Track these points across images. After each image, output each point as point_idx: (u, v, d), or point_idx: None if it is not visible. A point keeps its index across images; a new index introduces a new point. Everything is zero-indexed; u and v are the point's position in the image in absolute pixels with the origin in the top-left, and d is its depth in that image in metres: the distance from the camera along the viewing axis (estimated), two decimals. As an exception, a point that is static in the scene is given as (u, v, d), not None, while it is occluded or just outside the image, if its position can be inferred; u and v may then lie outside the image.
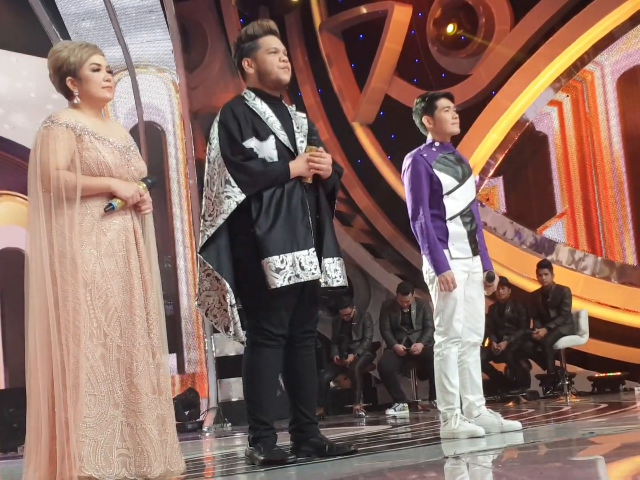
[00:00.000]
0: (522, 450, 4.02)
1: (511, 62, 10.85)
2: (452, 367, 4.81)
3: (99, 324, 3.43)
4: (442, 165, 4.91)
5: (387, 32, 11.59)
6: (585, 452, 3.79)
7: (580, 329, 9.11)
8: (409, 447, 4.77)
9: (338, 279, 4.16)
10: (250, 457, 4.09)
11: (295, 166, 4.11)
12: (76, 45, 3.66)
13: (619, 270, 10.22)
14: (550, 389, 9.17)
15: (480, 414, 4.91)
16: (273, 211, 4.04)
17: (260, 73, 4.21)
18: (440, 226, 4.84)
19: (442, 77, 11.38)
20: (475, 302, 4.96)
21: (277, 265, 3.98)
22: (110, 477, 3.32)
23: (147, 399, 3.44)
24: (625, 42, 10.33)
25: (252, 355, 4.12)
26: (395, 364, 9.27)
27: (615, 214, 10.41)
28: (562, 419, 6.13)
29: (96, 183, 3.53)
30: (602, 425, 5.03)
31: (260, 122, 4.14)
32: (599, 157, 10.55)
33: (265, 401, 4.10)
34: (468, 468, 3.49)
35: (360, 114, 11.99)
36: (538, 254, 10.45)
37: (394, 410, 8.88)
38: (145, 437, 3.40)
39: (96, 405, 3.36)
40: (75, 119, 3.55)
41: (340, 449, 4.15)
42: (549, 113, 10.94)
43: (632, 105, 10.40)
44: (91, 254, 3.46)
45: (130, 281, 3.52)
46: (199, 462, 5.16)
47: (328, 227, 4.18)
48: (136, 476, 3.38)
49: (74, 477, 3.26)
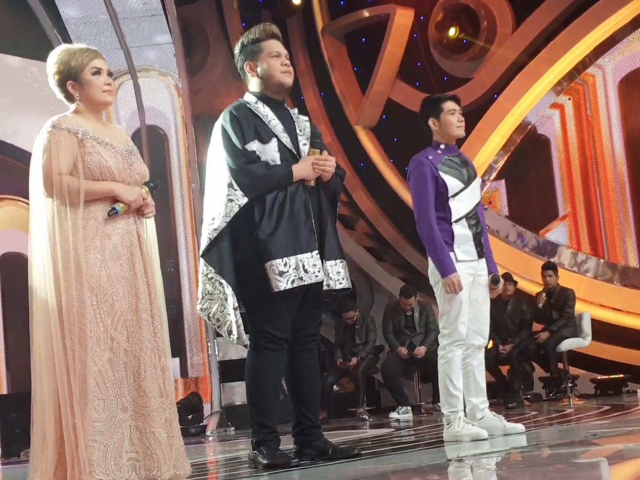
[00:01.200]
0: (525, 452, 4.02)
1: (513, 66, 10.86)
2: (456, 370, 4.81)
3: (105, 328, 3.43)
4: (448, 168, 4.90)
5: (389, 36, 11.61)
6: (588, 454, 3.79)
7: (582, 331, 9.11)
8: (412, 450, 4.76)
9: (341, 281, 4.14)
10: (254, 460, 4.08)
11: (298, 169, 4.10)
12: (77, 49, 3.66)
13: (621, 273, 10.22)
14: (553, 392, 9.17)
15: (483, 416, 4.91)
16: (276, 214, 4.04)
17: (263, 77, 4.21)
18: (446, 229, 4.82)
19: (444, 80, 11.40)
20: (480, 304, 4.96)
21: (281, 268, 3.97)
22: (121, 480, 3.32)
23: (155, 402, 3.45)
24: (626, 45, 10.35)
25: (255, 359, 4.11)
26: (398, 367, 9.26)
27: (617, 216, 10.41)
28: (565, 421, 6.12)
29: (99, 187, 3.53)
30: (604, 428, 5.02)
31: (262, 125, 4.14)
32: (601, 160, 10.55)
33: (268, 405, 4.10)
34: (471, 471, 3.49)
35: (362, 117, 12.00)
36: (540, 257, 10.45)
37: (397, 414, 8.87)
38: (154, 441, 3.41)
39: (105, 410, 3.36)
40: (77, 124, 3.55)
41: (344, 452, 4.15)
42: (550, 116, 10.95)
43: (633, 107, 10.41)
44: (96, 258, 3.47)
45: (135, 285, 3.52)
46: (202, 466, 5.15)
47: (330, 230, 4.17)
48: (146, 479, 3.38)
49: (85, 482, 3.26)
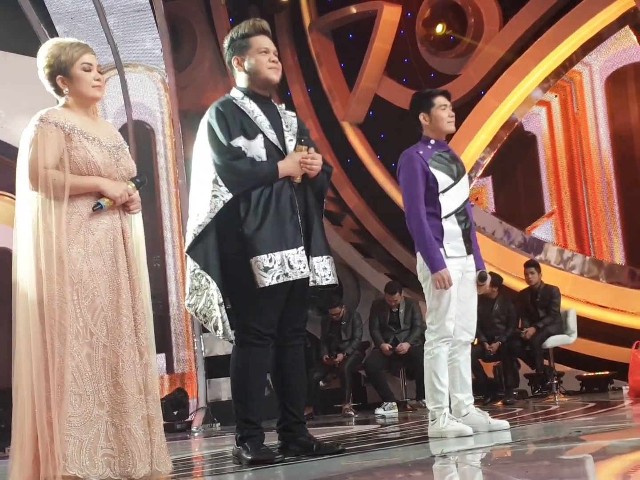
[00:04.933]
0: (510, 449, 4.03)
1: (500, 62, 10.87)
2: (442, 366, 4.81)
3: (85, 323, 3.41)
4: (438, 163, 4.89)
5: (377, 32, 11.61)
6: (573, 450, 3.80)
7: (568, 328, 9.13)
8: (397, 446, 4.77)
9: (327, 277, 4.14)
10: (238, 456, 4.08)
11: (284, 166, 4.09)
12: (67, 43, 3.64)
13: (607, 270, 10.25)
14: (538, 388, 9.18)
15: (468, 412, 4.92)
16: (261, 210, 4.03)
17: (250, 72, 4.20)
18: (436, 224, 4.82)
19: (431, 77, 11.40)
20: (468, 301, 4.96)
21: (266, 264, 3.97)
22: (95, 477, 3.30)
23: (132, 399, 3.43)
24: (613, 42, 10.36)
25: (240, 355, 4.11)
26: (382, 363, 9.26)
27: (603, 213, 10.43)
28: (550, 418, 6.13)
29: (85, 182, 3.52)
30: (589, 425, 5.04)
31: (248, 121, 4.13)
32: (588, 157, 10.58)
33: (253, 400, 4.09)
34: (456, 467, 3.49)
35: (349, 113, 11.99)
36: (527, 254, 10.47)
37: (383, 410, 8.88)
38: (130, 438, 3.39)
39: (81, 405, 3.34)
40: (65, 118, 3.54)
41: (328, 448, 4.15)
42: (537, 113, 10.97)
43: (620, 105, 10.43)
44: (78, 253, 3.45)
45: (117, 281, 3.50)
46: (187, 462, 5.15)
47: (317, 226, 4.16)
48: (120, 476, 3.37)
49: (58, 477, 3.24)
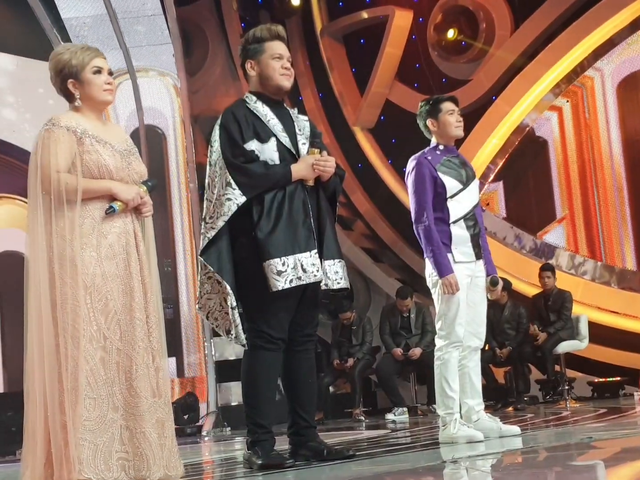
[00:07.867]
0: (521, 454, 4.02)
1: (511, 68, 10.86)
2: (453, 371, 4.80)
3: (98, 326, 3.42)
4: (446, 169, 4.90)
5: (388, 37, 11.61)
6: (584, 457, 3.79)
7: (580, 333, 9.11)
8: (407, 451, 4.76)
9: (339, 281, 4.14)
10: (249, 461, 4.07)
11: (298, 169, 4.09)
12: (78, 47, 3.66)
13: (618, 275, 10.22)
14: (550, 394, 9.16)
15: (479, 418, 4.91)
16: (274, 214, 4.03)
17: (262, 77, 4.21)
18: (444, 229, 4.82)
19: (442, 82, 11.39)
20: (477, 306, 4.95)
21: (279, 267, 3.97)
22: (110, 480, 3.31)
23: (146, 403, 3.43)
24: (625, 47, 10.34)
25: (251, 359, 4.10)
26: (393, 368, 9.26)
27: (615, 218, 10.41)
28: (562, 423, 6.12)
29: (97, 186, 3.53)
30: (601, 430, 5.02)
31: (261, 125, 4.14)
32: (599, 162, 10.55)
33: (264, 405, 4.09)
34: (467, 473, 3.48)
35: (361, 118, 12.00)
36: (538, 259, 10.45)
37: (393, 415, 8.87)
38: (144, 441, 3.40)
39: (95, 409, 3.35)
40: (76, 122, 3.55)
41: (339, 453, 4.14)
42: (549, 118, 10.95)
43: (631, 110, 10.40)
44: (91, 257, 3.46)
45: (130, 284, 3.51)
46: (197, 466, 5.15)
47: (329, 229, 4.15)
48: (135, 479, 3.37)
49: (73, 480, 3.26)
